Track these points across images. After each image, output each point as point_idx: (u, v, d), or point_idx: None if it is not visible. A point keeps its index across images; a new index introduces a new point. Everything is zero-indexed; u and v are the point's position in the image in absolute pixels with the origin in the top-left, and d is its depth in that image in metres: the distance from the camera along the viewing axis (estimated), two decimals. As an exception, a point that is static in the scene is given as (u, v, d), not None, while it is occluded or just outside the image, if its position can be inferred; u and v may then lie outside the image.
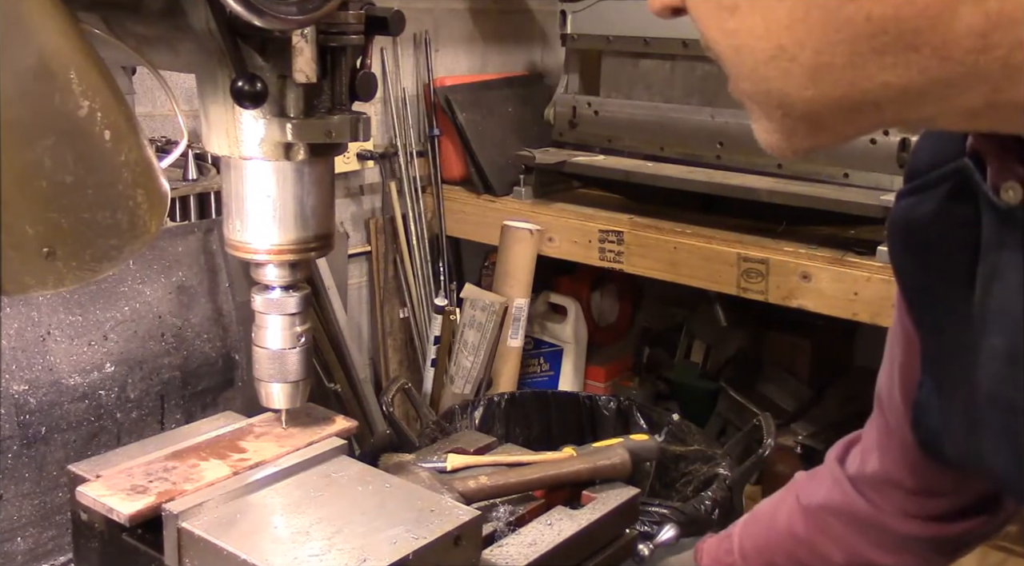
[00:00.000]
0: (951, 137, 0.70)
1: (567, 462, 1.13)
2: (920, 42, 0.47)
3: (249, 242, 0.86)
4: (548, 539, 0.98)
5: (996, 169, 0.62)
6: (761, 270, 2.09)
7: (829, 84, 0.50)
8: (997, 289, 0.65)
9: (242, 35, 0.76)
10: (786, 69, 0.51)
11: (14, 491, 1.32)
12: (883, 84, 0.49)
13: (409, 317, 2.73)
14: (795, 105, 0.52)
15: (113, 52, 0.80)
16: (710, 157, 2.33)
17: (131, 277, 1.48)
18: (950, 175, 0.69)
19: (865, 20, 0.47)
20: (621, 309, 3.06)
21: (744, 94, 0.55)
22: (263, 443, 0.95)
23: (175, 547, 0.83)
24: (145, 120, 1.97)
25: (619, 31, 2.44)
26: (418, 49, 2.66)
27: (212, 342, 1.58)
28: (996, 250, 0.64)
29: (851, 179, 2.10)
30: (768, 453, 1.82)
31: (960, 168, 0.67)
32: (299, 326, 0.91)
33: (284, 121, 0.80)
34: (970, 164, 0.65)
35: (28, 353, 1.34)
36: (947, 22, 0.46)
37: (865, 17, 0.47)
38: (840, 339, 2.72)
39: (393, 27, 0.82)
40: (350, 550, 0.79)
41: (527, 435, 2.16)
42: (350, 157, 2.51)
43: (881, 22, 0.47)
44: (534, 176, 2.53)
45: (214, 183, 1.76)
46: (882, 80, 0.49)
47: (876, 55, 0.48)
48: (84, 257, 0.73)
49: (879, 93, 0.50)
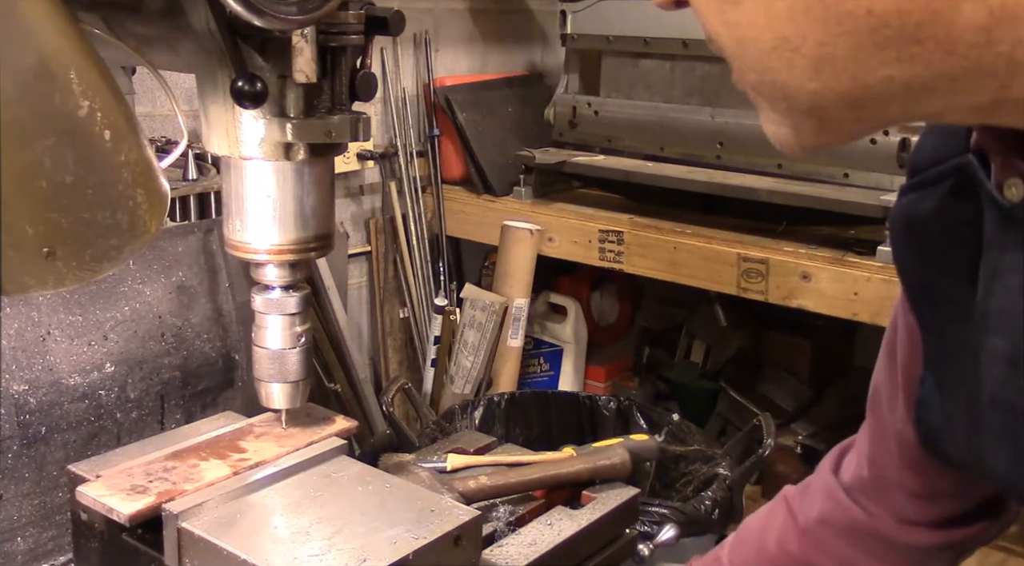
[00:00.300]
0: (954, 133, 0.69)
1: (567, 462, 1.13)
2: (923, 36, 0.47)
3: (249, 242, 0.86)
4: (548, 539, 0.98)
5: (1000, 166, 0.62)
6: (761, 270, 2.09)
7: (832, 77, 0.50)
8: (999, 289, 0.64)
9: (242, 35, 0.76)
10: (789, 60, 0.50)
11: (14, 491, 1.32)
12: (887, 78, 0.49)
13: (409, 317, 2.73)
14: (799, 98, 0.52)
15: (113, 52, 0.80)
16: (710, 157, 2.33)
17: (131, 277, 1.48)
18: (952, 172, 0.69)
19: (867, 13, 0.47)
20: (621, 309, 3.06)
21: (749, 86, 0.55)
22: (263, 443, 0.95)
23: (175, 547, 0.83)
24: (145, 120, 1.97)
25: (619, 31, 2.44)
26: (418, 49, 2.66)
27: (212, 342, 1.58)
28: (998, 249, 0.64)
29: (851, 179, 2.10)
30: (768, 453, 1.82)
31: (963, 165, 0.66)
32: (299, 326, 0.91)
33: (284, 121, 0.80)
34: (973, 161, 0.65)
35: (28, 353, 1.34)
36: (949, 17, 0.46)
37: (867, 10, 0.47)
38: (840, 339, 2.72)
39: (393, 27, 0.82)
40: (350, 550, 0.79)
41: (527, 435, 2.16)
42: (350, 157, 2.51)
43: (883, 16, 0.47)
44: (534, 176, 2.53)
45: (214, 183, 1.76)
46: (885, 74, 0.49)
47: (878, 49, 0.48)
48: (84, 257, 0.73)
49: (883, 88, 0.50)
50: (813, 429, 2.53)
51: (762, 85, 0.53)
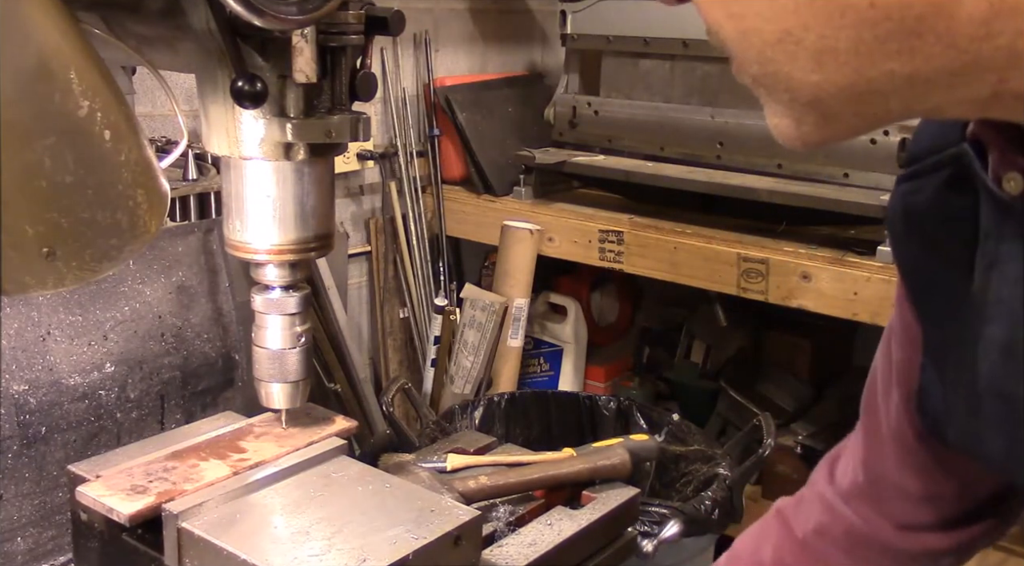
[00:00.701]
0: (952, 123, 0.69)
1: (567, 462, 1.13)
2: (924, 29, 0.47)
3: (249, 242, 0.86)
4: (548, 539, 0.98)
5: (998, 159, 0.62)
6: (761, 270, 2.09)
7: (834, 70, 0.50)
8: (996, 279, 0.64)
9: (242, 35, 0.76)
10: (792, 52, 0.51)
11: (14, 491, 1.32)
12: (888, 72, 0.49)
13: (409, 317, 2.73)
14: (801, 90, 0.52)
15: (113, 52, 0.80)
16: (710, 157, 2.33)
17: (131, 277, 1.48)
18: (949, 161, 0.69)
19: (869, 7, 0.47)
20: (621, 309, 3.06)
21: (751, 78, 0.55)
22: (263, 443, 0.95)
23: (175, 547, 0.83)
24: (145, 120, 1.97)
25: (619, 31, 2.44)
26: (418, 49, 2.66)
27: (212, 342, 1.58)
28: (995, 240, 0.64)
29: (851, 179, 2.10)
30: (768, 453, 1.82)
31: (959, 154, 0.66)
32: (299, 326, 0.91)
33: (284, 121, 0.80)
34: (969, 150, 0.65)
35: (28, 353, 1.34)
36: (950, 10, 0.46)
37: (869, 4, 0.47)
38: (840, 339, 2.71)
39: (393, 27, 0.82)
40: (350, 550, 0.79)
41: (527, 435, 2.16)
42: (350, 157, 2.51)
43: (885, 9, 0.47)
44: (534, 176, 2.53)
45: (214, 183, 1.76)
46: (887, 68, 0.49)
47: (880, 43, 0.48)
48: (84, 257, 0.73)
49: (884, 81, 0.50)
50: (813, 429, 2.52)
51: (764, 77, 0.54)
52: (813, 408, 2.62)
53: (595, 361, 2.87)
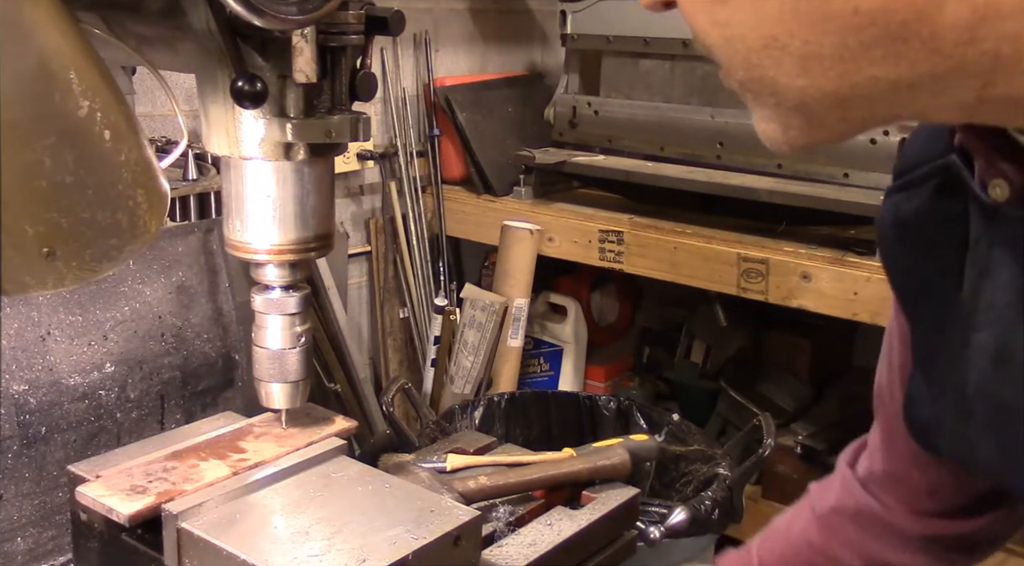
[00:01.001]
0: (939, 134, 0.70)
1: (567, 462, 1.13)
2: (908, 35, 0.47)
3: (249, 242, 0.86)
4: (548, 539, 0.98)
5: (983, 166, 0.63)
6: (761, 270, 2.09)
7: (819, 75, 0.51)
8: (986, 286, 0.65)
9: (242, 35, 0.76)
10: (777, 58, 0.51)
11: (14, 491, 1.32)
12: (873, 78, 0.50)
13: (409, 317, 2.73)
14: (787, 95, 0.53)
15: (113, 52, 0.80)
16: (710, 157, 2.33)
17: (131, 277, 1.48)
18: (937, 172, 0.70)
19: (853, 13, 0.48)
20: (621, 309, 3.06)
21: (737, 83, 0.55)
22: (263, 443, 0.95)
23: (175, 547, 0.83)
24: (145, 120, 1.97)
25: (619, 31, 2.44)
26: (418, 49, 2.66)
27: (212, 342, 1.58)
28: (985, 247, 0.65)
29: (851, 179, 2.10)
30: (768, 453, 1.82)
31: (947, 165, 0.67)
32: (299, 326, 0.91)
33: (284, 121, 0.80)
34: (957, 161, 0.66)
35: (28, 353, 1.34)
36: (933, 15, 0.46)
37: (853, 10, 0.47)
38: (840, 339, 2.71)
39: (393, 27, 0.82)
40: (350, 550, 0.79)
41: (527, 435, 2.16)
42: (350, 157, 2.51)
43: (869, 15, 0.47)
44: (534, 176, 2.53)
45: (214, 183, 1.76)
46: (871, 74, 0.49)
47: (864, 48, 0.49)
48: (84, 257, 0.73)
49: (869, 86, 0.50)
50: (813, 429, 2.52)
51: (751, 82, 0.54)
52: (813, 408, 2.62)
53: (595, 361, 2.87)
